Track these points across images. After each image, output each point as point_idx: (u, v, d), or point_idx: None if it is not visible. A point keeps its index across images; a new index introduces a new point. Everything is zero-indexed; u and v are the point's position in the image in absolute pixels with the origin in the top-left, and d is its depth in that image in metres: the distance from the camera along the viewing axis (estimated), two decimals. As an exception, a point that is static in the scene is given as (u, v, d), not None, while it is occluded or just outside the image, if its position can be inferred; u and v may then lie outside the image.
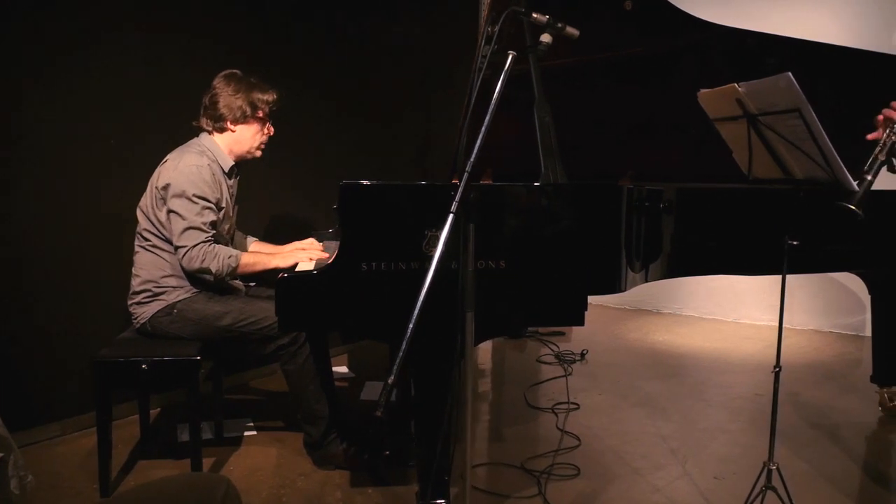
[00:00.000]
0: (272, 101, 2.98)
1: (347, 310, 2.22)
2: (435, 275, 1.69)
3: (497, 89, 1.90)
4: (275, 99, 2.99)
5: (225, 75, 2.96)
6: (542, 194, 2.28)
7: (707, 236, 2.71)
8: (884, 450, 3.50)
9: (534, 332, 5.25)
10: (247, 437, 3.33)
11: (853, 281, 4.53)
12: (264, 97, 2.96)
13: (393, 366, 1.70)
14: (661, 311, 6.22)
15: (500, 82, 1.90)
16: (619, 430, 3.51)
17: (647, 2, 3.07)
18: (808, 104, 1.92)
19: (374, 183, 2.18)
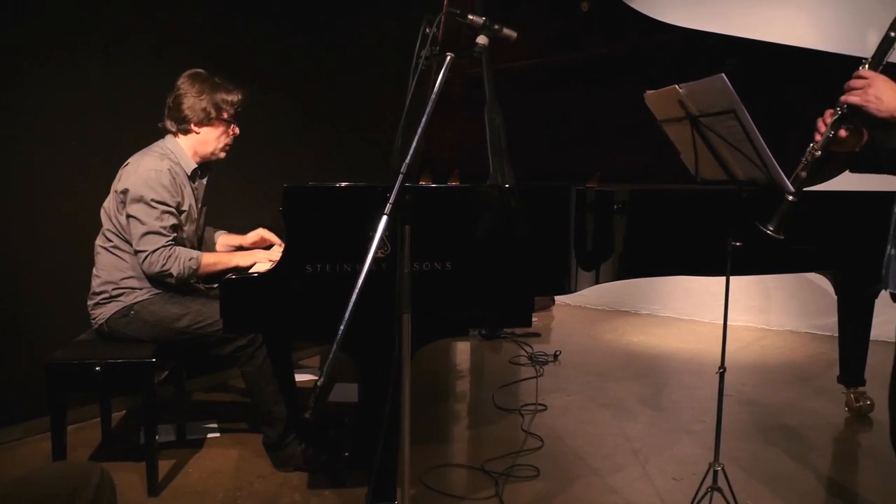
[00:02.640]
0: (237, 103, 2.98)
1: (292, 312, 2.22)
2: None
3: (434, 91, 1.90)
4: (240, 100, 2.98)
5: (189, 75, 2.95)
6: (489, 195, 2.29)
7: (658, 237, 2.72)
8: (848, 450, 3.51)
9: (509, 334, 5.25)
10: (209, 439, 3.33)
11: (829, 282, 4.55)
12: (229, 98, 2.95)
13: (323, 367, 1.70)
14: (638, 311, 6.23)
15: (438, 84, 1.90)
16: (583, 432, 3.51)
17: (604, 4, 3.07)
18: (743, 105, 1.92)
19: (317, 184, 2.19)
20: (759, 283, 5.63)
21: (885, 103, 1.79)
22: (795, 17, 5.41)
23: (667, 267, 2.79)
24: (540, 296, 2.35)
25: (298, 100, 4.46)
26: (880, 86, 1.81)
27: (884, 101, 1.80)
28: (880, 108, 1.80)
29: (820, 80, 3.31)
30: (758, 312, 5.78)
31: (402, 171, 1.83)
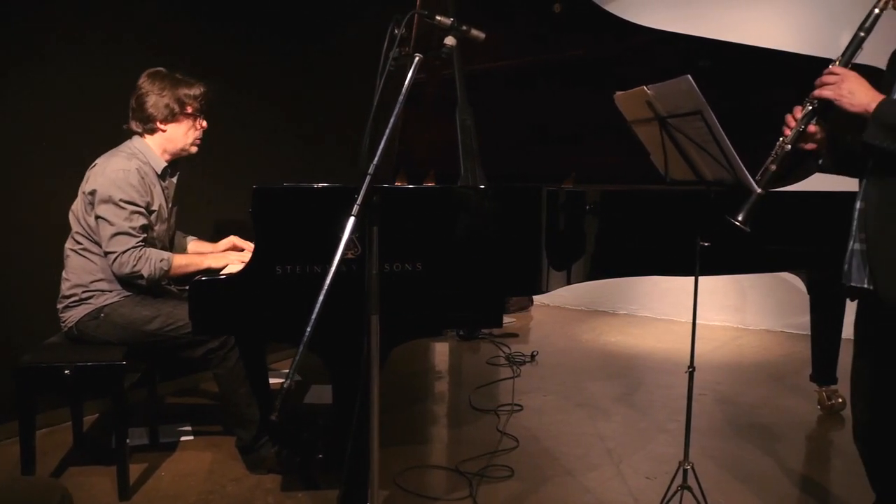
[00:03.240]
0: (200, 96, 2.95)
1: (262, 313, 2.21)
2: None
3: (402, 92, 1.89)
4: (202, 93, 2.96)
5: (149, 74, 2.93)
6: (460, 196, 2.29)
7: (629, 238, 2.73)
8: (819, 448, 3.55)
9: (487, 334, 5.26)
10: (183, 442, 3.31)
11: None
12: (191, 92, 2.93)
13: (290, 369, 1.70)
14: (616, 311, 6.26)
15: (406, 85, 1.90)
16: (558, 432, 3.52)
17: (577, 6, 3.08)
18: (708, 106, 1.94)
19: (286, 185, 2.18)
20: (735, 283, 5.68)
21: (857, 97, 1.85)
22: (770, 18, 5.47)
23: (638, 267, 2.81)
24: (511, 296, 2.36)
25: (272, 101, 4.45)
26: (853, 81, 1.87)
27: (856, 95, 1.85)
28: (853, 102, 1.85)
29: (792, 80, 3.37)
30: (734, 312, 5.83)
31: (369, 173, 1.83)
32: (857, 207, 2.02)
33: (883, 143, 1.82)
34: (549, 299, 6.49)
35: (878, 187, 1.95)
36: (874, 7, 1.91)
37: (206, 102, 2.97)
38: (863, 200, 2.00)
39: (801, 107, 2.01)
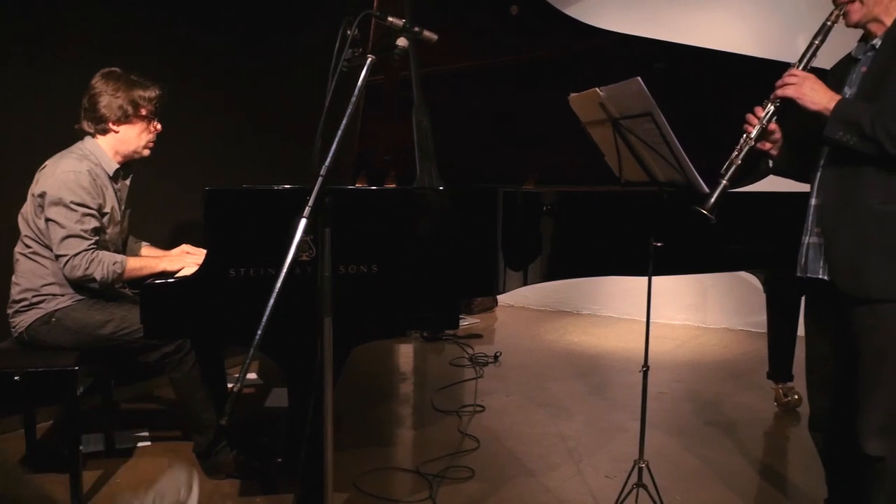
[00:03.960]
0: (155, 98, 2.91)
1: (216, 317, 2.19)
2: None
3: (354, 94, 1.89)
4: (158, 95, 2.92)
5: (103, 74, 2.88)
6: (415, 198, 2.29)
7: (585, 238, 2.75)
8: (776, 444, 3.60)
9: (451, 335, 5.27)
10: (139, 448, 3.26)
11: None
12: (147, 94, 2.89)
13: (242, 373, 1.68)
14: (580, 311, 6.30)
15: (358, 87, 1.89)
16: (520, 432, 3.53)
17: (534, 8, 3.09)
18: (658, 108, 1.96)
19: (239, 188, 2.16)
20: (696, 282, 5.75)
21: (817, 97, 1.97)
22: (727, 21, 5.55)
23: (595, 268, 2.83)
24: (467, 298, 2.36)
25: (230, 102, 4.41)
26: (813, 82, 2.00)
27: (817, 94, 1.97)
28: (814, 100, 1.97)
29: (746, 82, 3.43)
30: (695, 311, 5.90)
31: (321, 174, 1.82)
32: (812, 204, 2.13)
33: (843, 138, 1.93)
34: (514, 300, 6.52)
35: (833, 183, 2.05)
36: (826, 20, 2.06)
37: (161, 105, 2.93)
38: (818, 197, 2.11)
39: (761, 107, 2.11)
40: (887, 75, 1.96)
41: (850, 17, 2.04)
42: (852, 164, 1.99)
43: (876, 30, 2.05)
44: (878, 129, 1.87)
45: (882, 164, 1.93)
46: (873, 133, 1.88)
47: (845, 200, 2.03)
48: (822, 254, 2.08)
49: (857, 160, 1.97)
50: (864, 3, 2.01)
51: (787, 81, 2.02)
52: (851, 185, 2.01)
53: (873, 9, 2.01)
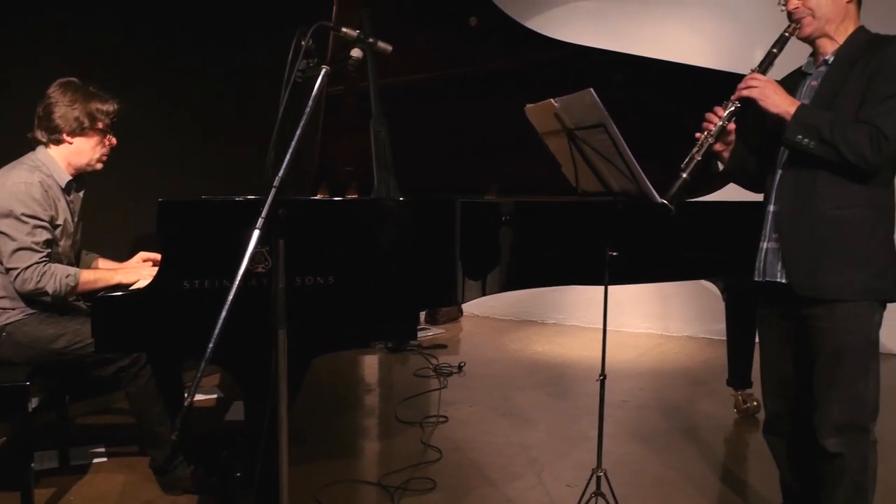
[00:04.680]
0: (113, 112, 2.87)
1: (170, 330, 2.15)
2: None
3: (308, 104, 1.88)
4: (115, 110, 2.88)
5: (61, 84, 2.83)
6: (372, 209, 2.28)
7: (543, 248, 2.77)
8: (735, 450, 3.65)
9: (416, 346, 5.25)
10: (96, 465, 3.20)
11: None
12: (104, 108, 2.85)
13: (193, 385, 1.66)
14: (545, 321, 6.33)
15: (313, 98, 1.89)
16: (482, 442, 3.53)
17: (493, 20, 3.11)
18: (611, 119, 1.98)
19: (192, 199, 2.13)
20: (658, 291, 5.81)
21: (778, 100, 2.06)
22: (687, 33, 5.65)
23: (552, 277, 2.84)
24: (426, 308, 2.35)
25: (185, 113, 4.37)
26: (774, 86, 2.09)
27: (779, 97, 2.06)
28: (776, 103, 2.05)
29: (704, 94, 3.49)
30: (657, 319, 5.96)
31: (274, 185, 1.80)
32: (770, 210, 2.21)
33: (802, 141, 2.00)
34: (479, 310, 6.53)
35: (790, 189, 2.13)
36: (784, 31, 2.14)
37: (117, 119, 2.89)
38: (775, 203, 2.19)
39: (721, 107, 2.17)
40: (841, 89, 2.05)
41: (803, 30, 2.12)
42: (809, 170, 2.07)
43: (825, 46, 2.14)
44: (837, 134, 1.95)
45: (838, 170, 2.01)
46: (832, 138, 1.95)
47: (802, 206, 2.10)
48: (780, 258, 2.15)
49: (814, 166, 2.05)
50: (816, 17, 2.09)
51: (749, 84, 2.09)
52: (808, 191, 2.08)
53: (825, 25, 2.10)
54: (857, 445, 2.11)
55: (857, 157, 1.95)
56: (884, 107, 1.96)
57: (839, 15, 2.10)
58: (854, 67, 2.04)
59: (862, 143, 1.94)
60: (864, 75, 2.01)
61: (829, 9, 2.08)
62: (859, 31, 2.12)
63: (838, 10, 2.09)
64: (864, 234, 2.06)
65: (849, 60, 2.07)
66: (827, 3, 2.08)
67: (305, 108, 1.87)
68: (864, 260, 2.06)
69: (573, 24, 5.89)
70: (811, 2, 2.08)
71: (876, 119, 1.95)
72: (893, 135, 1.94)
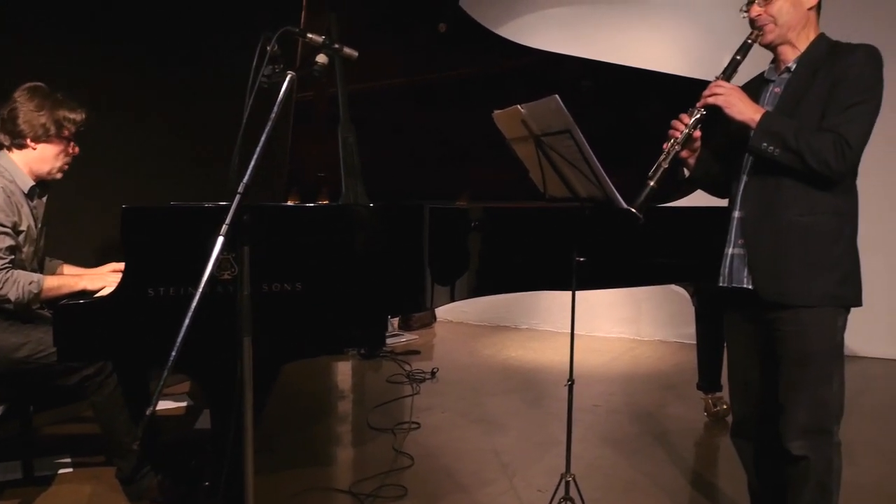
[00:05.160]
0: (80, 122, 2.83)
1: (134, 338, 2.13)
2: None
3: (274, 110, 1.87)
4: (83, 119, 2.84)
5: (28, 88, 2.79)
6: (340, 215, 2.27)
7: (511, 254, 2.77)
8: (706, 453, 3.67)
9: (389, 352, 5.24)
10: (61, 475, 3.15)
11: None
12: (72, 116, 2.81)
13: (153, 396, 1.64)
14: (518, 326, 6.34)
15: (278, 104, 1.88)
16: (454, 448, 3.53)
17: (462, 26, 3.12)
18: (576, 126, 1.99)
19: (157, 205, 2.11)
20: (630, 295, 5.85)
21: (743, 107, 2.07)
22: (658, 39, 5.71)
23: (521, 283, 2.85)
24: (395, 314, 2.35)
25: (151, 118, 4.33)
26: (739, 94, 2.10)
27: (744, 105, 2.07)
28: (741, 110, 2.06)
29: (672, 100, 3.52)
30: (629, 324, 6.00)
31: (238, 192, 1.79)
32: (735, 216, 2.22)
33: (768, 148, 2.02)
34: (452, 315, 6.53)
35: (755, 195, 2.15)
36: (747, 38, 2.15)
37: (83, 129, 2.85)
38: (740, 210, 2.20)
39: (687, 114, 2.18)
40: (804, 97, 2.07)
41: (765, 37, 2.13)
42: (773, 177, 2.08)
43: (787, 53, 2.16)
44: (801, 142, 1.97)
45: (802, 177, 2.03)
46: (797, 146, 1.97)
47: (767, 213, 2.11)
48: (746, 264, 2.17)
49: (779, 173, 2.06)
50: (778, 24, 2.10)
51: (714, 91, 2.11)
52: (773, 197, 2.10)
53: (787, 32, 2.12)
54: (822, 448, 2.13)
55: (821, 165, 1.98)
56: (846, 115, 1.99)
57: (800, 22, 2.12)
58: (816, 75, 2.07)
59: (826, 150, 1.96)
60: (826, 83, 2.03)
61: (790, 16, 2.10)
62: (820, 38, 2.14)
63: (799, 18, 2.11)
64: (828, 240, 2.08)
65: (811, 68, 2.09)
66: (788, 10, 2.10)
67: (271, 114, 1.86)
68: (829, 266, 2.08)
69: (544, 31, 5.93)
70: (773, 9, 2.10)
71: (839, 127, 1.98)
72: (856, 143, 1.97)
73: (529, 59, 3.38)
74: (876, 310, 4.82)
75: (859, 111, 1.99)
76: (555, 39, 5.26)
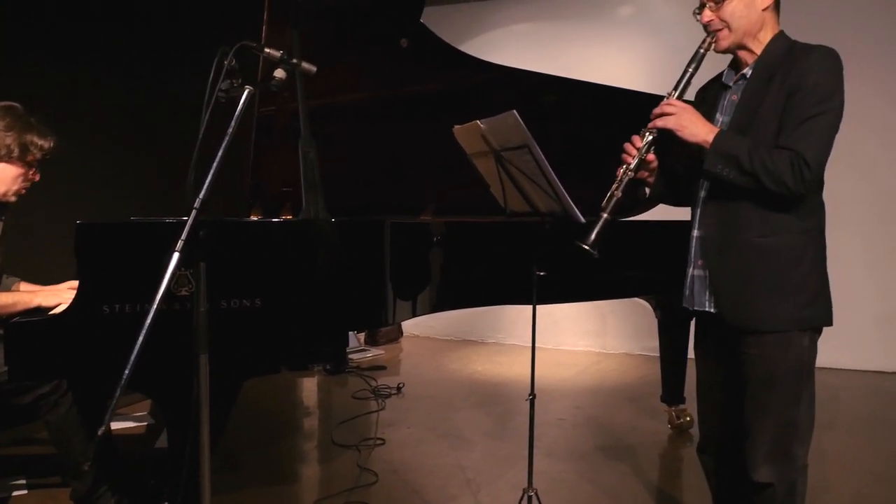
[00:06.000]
0: (48, 150, 2.76)
1: (89, 356, 2.09)
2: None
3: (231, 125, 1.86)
4: (51, 147, 2.77)
5: (2, 107, 2.73)
6: (300, 230, 2.26)
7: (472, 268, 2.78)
8: (670, 465, 3.69)
9: (354, 368, 5.21)
10: (15, 497, 3.07)
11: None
12: (40, 142, 2.74)
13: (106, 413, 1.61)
14: (485, 340, 6.35)
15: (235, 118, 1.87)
16: (419, 464, 3.51)
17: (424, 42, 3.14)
18: (534, 141, 2.01)
19: (112, 221, 2.08)
20: (596, 309, 5.89)
21: (696, 129, 1.97)
22: (620, 55, 5.79)
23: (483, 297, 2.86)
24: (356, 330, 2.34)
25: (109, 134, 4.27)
26: (690, 113, 1.99)
27: (696, 126, 1.97)
28: (693, 132, 1.97)
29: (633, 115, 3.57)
30: (595, 337, 6.04)
31: (195, 207, 1.78)
32: (694, 235, 2.12)
33: (722, 171, 1.93)
34: (419, 330, 6.52)
35: (714, 216, 2.06)
36: (699, 47, 2.04)
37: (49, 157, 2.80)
38: (699, 229, 2.11)
39: (639, 136, 2.08)
40: (760, 106, 1.96)
41: (719, 44, 2.03)
42: (732, 197, 1.99)
43: (745, 57, 2.06)
44: (756, 163, 1.88)
45: (761, 197, 1.94)
46: (752, 168, 1.88)
47: (726, 234, 2.03)
48: (708, 286, 2.08)
49: (737, 194, 1.97)
50: (732, 30, 2.00)
51: (665, 111, 2.01)
52: (731, 218, 2.01)
53: (742, 37, 2.01)
54: (787, 473, 2.05)
55: (780, 186, 1.89)
56: (803, 129, 1.89)
57: (756, 25, 2.01)
58: (772, 81, 1.97)
59: (783, 171, 1.87)
60: (782, 91, 1.94)
61: (744, 20, 2.00)
62: (777, 38, 2.03)
63: (755, 20, 2.00)
64: (790, 261, 1.99)
65: (767, 74, 1.99)
66: (742, 13, 1.99)
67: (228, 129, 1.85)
68: (793, 288, 1.99)
69: (508, 47, 5.99)
70: (725, 13, 1.99)
71: (796, 144, 1.88)
72: (815, 160, 1.88)
73: (492, 74, 3.40)
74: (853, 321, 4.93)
75: (817, 124, 1.89)
76: (519, 55, 5.32)
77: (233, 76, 1.94)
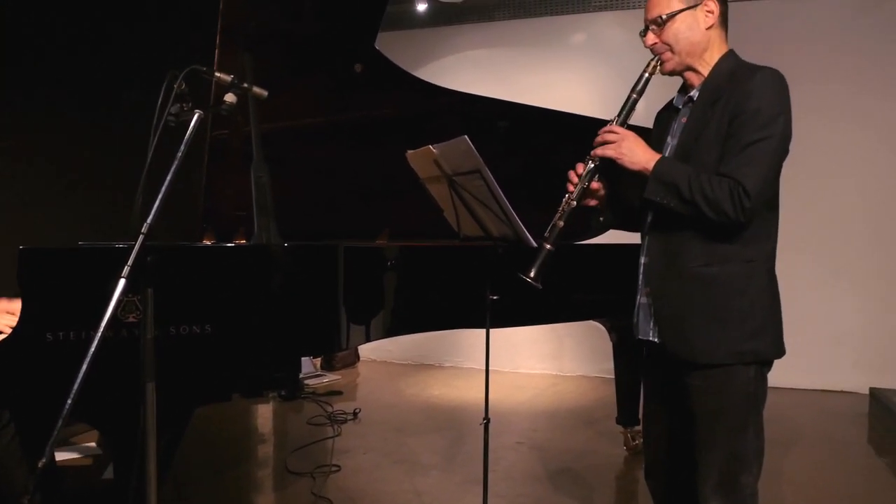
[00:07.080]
0: None
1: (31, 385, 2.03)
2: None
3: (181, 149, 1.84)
4: None
5: None
6: (251, 255, 2.24)
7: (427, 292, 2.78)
8: (625, 487, 3.72)
9: (310, 394, 5.15)
10: (-47, 534, 2.95)
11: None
12: None
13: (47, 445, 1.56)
14: (442, 364, 6.33)
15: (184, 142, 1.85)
16: (374, 490, 3.47)
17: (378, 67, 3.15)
18: (485, 166, 2.03)
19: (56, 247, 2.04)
20: (552, 331, 5.92)
21: (636, 156, 1.93)
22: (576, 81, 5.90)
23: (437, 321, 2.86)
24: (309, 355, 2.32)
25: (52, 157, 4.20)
26: (632, 141, 1.95)
27: (636, 154, 1.93)
28: (633, 160, 1.93)
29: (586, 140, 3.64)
30: (552, 359, 6.06)
31: (142, 232, 1.75)
32: (642, 262, 2.08)
33: (663, 200, 1.89)
34: (376, 354, 6.48)
35: (658, 243, 2.02)
36: (644, 71, 2.01)
37: None
38: (646, 255, 2.07)
39: (582, 164, 2.05)
40: (704, 130, 1.92)
41: (665, 67, 1.99)
42: (676, 225, 1.95)
43: (693, 79, 2.01)
44: (696, 192, 1.84)
45: (703, 226, 1.89)
46: (691, 196, 1.84)
47: (669, 262, 1.99)
48: (651, 315, 2.03)
49: (680, 222, 1.93)
50: (675, 52, 1.97)
51: (606, 139, 1.97)
52: (675, 246, 1.97)
53: (686, 58, 1.97)
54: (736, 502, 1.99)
55: (719, 215, 1.84)
56: (744, 156, 1.83)
57: (700, 45, 1.96)
58: (716, 105, 1.91)
59: (723, 199, 1.82)
60: (724, 115, 1.88)
61: (687, 41, 1.95)
62: (724, 59, 1.98)
63: (698, 41, 1.96)
64: (733, 291, 1.92)
65: (712, 97, 1.93)
66: (685, 35, 1.95)
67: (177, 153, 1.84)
68: (737, 319, 1.92)
69: (463, 72, 6.04)
70: (668, 36, 1.95)
71: (736, 172, 1.83)
72: (755, 190, 1.82)
73: (446, 99, 3.43)
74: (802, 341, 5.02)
75: (759, 150, 1.83)
76: (474, 81, 5.38)
77: (182, 100, 1.92)
